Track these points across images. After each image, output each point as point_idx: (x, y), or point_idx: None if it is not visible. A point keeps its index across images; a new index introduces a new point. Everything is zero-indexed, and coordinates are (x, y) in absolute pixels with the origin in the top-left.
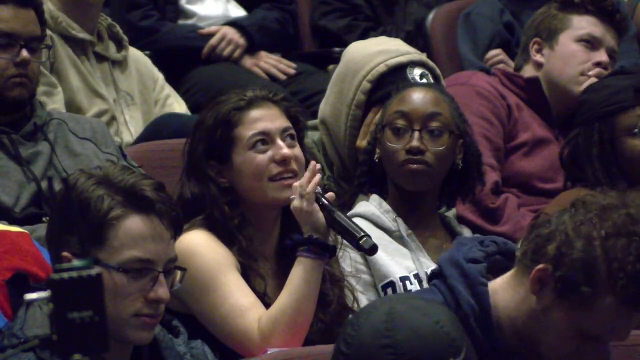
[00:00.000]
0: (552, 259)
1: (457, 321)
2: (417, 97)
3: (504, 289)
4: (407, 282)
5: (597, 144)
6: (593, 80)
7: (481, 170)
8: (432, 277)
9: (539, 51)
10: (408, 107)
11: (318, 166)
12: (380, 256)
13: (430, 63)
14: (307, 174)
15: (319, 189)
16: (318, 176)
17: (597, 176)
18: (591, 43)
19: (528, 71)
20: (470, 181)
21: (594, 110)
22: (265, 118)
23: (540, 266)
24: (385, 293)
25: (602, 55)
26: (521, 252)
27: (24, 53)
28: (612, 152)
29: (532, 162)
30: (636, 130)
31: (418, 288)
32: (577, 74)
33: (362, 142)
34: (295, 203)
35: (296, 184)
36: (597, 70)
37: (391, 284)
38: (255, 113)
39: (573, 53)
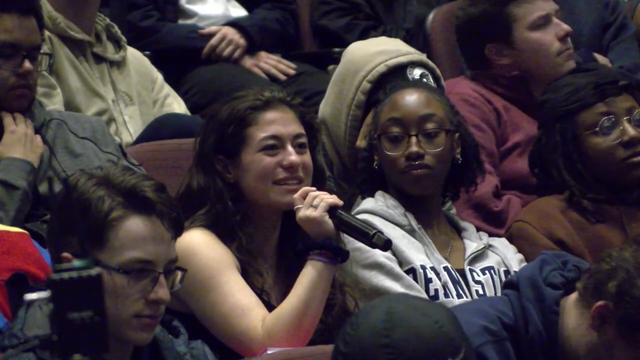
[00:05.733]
0: (613, 296)
1: (456, 321)
2: (408, 101)
3: (570, 317)
4: (427, 271)
5: (560, 144)
6: (570, 52)
7: (480, 158)
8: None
9: (499, 54)
10: (400, 112)
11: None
12: (399, 244)
13: (431, 63)
14: (308, 188)
15: None
16: (340, 202)
17: (563, 177)
18: (545, 22)
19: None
20: (471, 172)
21: (555, 110)
22: (279, 121)
23: (600, 303)
24: None
25: (559, 26)
26: (582, 285)
27: (27, 64)
28: (575, 151)
29: (527, 161)
30: (597, 128)
31: (437, 279)
32: (553, 57)
33: (362, 142)
34: (305, 212)
35: (296, 195)
36: (567, 40)
37: (412, 270)
38: (270, 115)
39: (538, 42)
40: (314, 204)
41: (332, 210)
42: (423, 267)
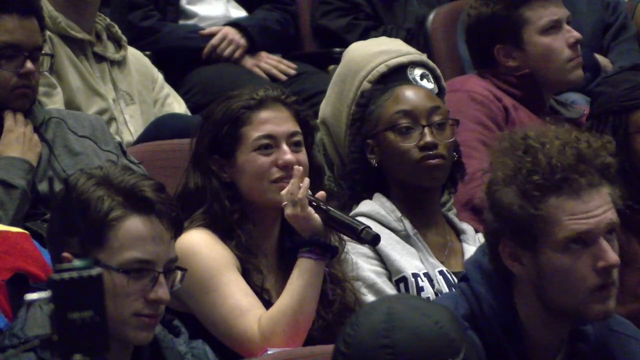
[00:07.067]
0: (495, 231)
1: (456, 321)
2: (414, 95)
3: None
4: (419, 279)
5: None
6: (580, 60)
7: (461, 158)
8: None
9: (507, 56)
10: (409, 105)
11: (300, 168)
12: (391, 252)
13: (431, 63)
14: (293, 181)
15: (309, 192)
16: (307, 180)
17: None
18: (555, 27)
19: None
20: (456, 170)
21: (610, 104)
22: (274, 120)
23: (499, 247)
24: (398, 288)
25: (570, 32)
26: (489, 253)
27: (29, 64)
28: (624, 149)
29: None
30: None
31: (429, 287)
32: (564, 63)
33: None
34: (289, 211)
35: (283, 192)
36: (577, 48)
37: (404, 279)
38: (264, 114)
39: (548, 46)
40: (293, 200)
41: (319, 205)
42: (415, 275)
